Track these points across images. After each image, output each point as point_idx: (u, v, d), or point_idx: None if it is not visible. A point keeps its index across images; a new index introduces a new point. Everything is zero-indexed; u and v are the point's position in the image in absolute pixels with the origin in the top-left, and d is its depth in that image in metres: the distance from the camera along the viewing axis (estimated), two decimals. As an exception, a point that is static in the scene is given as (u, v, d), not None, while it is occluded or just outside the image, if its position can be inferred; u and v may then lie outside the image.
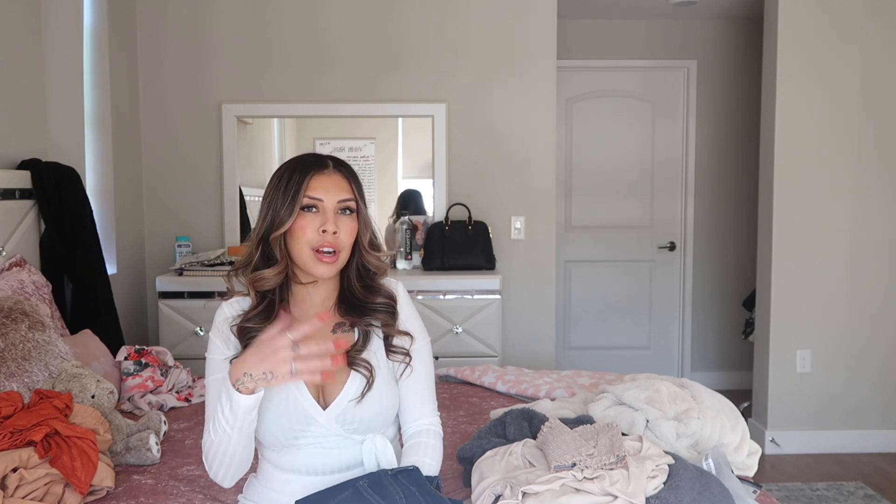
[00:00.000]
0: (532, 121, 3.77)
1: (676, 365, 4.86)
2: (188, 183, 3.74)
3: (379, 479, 1.30)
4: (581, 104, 4.70)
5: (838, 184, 3.64)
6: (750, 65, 4.64)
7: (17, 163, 2.81)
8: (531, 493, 1.40)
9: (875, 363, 3.71)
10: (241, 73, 3.71)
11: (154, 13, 3.67)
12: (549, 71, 3.76)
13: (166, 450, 2.00)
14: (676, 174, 4.76)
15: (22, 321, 2.14)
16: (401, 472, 1.33)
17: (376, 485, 1.28)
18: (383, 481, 1.29)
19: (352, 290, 1.44)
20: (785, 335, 3.68)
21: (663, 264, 4.81)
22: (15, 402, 1.70)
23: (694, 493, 1.39)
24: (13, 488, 1.51)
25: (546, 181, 3.80)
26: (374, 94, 3.74)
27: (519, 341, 3.79)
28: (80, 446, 1.61)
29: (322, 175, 1.38)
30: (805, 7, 3.56)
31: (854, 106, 3.61)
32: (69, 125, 3.13)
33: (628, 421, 1.75)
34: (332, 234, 1.35)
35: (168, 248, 3.72)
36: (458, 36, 3.75)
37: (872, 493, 3.22)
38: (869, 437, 3.72)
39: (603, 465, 1.42)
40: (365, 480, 1.30)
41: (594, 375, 2.60)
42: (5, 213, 2.65)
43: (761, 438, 3.69)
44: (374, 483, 1.29)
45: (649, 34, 4.65)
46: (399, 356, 1.45)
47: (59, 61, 3.09)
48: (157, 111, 3.71)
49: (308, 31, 3.71)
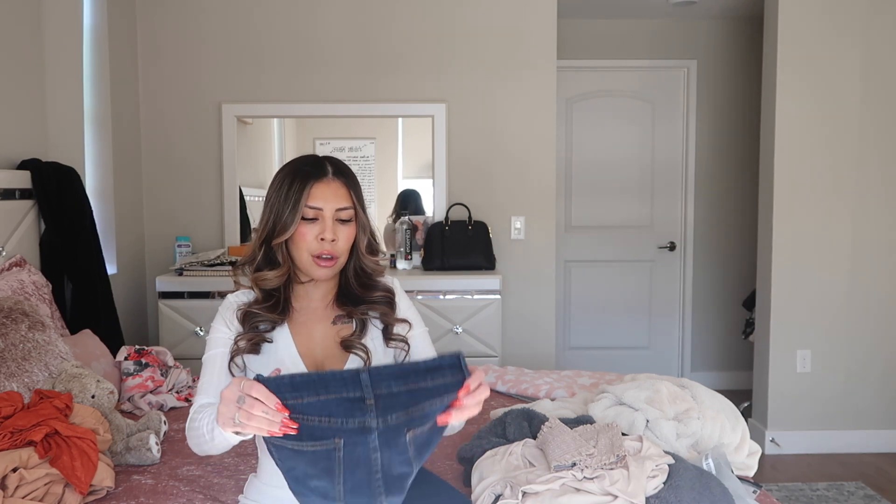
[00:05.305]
0: (532, 121, 3.77)
1: (676, 365, 4.86)
2: (188, 183, 3.74)
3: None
4: (581, 104, 4.69)
5: (838, 183, 3.64)
6: (750, 65, 4.64)
7: (17, 163, 2.81)
8: (531, 492, 1.40)
9: (875, 363, 3.71)
10: (241, 73, 3.71)
11: (154, 13, 3.67)
12: (549, 71, 3.76)
13: (166, 450, 2.00)
14: (676, 174, 4.76)
15: (22, 321, 2.14)
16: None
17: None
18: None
19: (349, 288, 1.50)
20: (785, 335, 3.68)
21: (663, 264, 4.81)
22: (15, 402, 1.70)
23: (694, 493, 1.39)
24: (13, 488, 1.51)
25: (546, 181, 3.80)
26: (374, 94, 3.74)
27: (519, 341, 3.79)
28: (80, 446, 1.61)
29: (322, 183, 1.43)
30: (805, 7, 3.56)
31: (854, 106, 3.61)
32: (69, 125, 3.13)
33: (628, 421, 1.75)
34: (331, 241, 1.42)
35: (168, 248, 3.72)
36: (458, 36, 3.75)
37: (873, 494, 3.22)
38: (869, 437, 3.72)
39: (603, 464, 1.42)
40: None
41: (594, 375, 2.60)
42: (5, 213, 2.65)
43: (761, 438, 3.69)
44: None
45: (649, 34, 4.65)
46: (398, 343, 1.50)
47: (59, 61, 3.09)
48: (156, 111, 3.71)
49: (308, 31, 3.71)
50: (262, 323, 1.44)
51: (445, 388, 1.17)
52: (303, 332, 1.46)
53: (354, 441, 1.18)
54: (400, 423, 1.18)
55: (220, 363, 1.43)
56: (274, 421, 1.13)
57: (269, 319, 1.44)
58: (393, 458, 1.20)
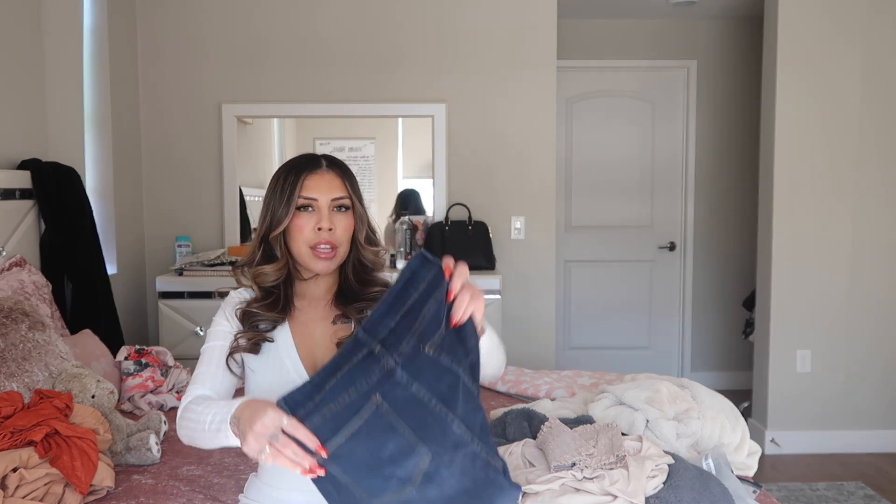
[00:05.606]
0: (532, 121, 3.77)
1: (676, 365, 4.86)
2: (188, 183, 3.74)
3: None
4: (581, 104, 4.69)
5: (838, 183, 3.64)
6: (750, 65, 4.64)
7: (17, 163, 2.81)
8: (531, 492, 1.40)
9: (875, 363, 3.71)
10: (241, 72, 3.71)
11: (154, 13, 3.67)
12: (549, 71, 3.76)
13: (166, 450, 2.00)
14: (676, 174, 4.76)
15: (22, 321, 2.14)
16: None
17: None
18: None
19: (349, 285, 1.48)
20: (785, 335, 3.68)
21: (663, 264, 4.81)
22: (15, 402, 1.70)
23: (694, 493, 1.39)
24: (13, 488, 1.51)
25: (546, 181, 3.80)
26: (374, 94, 3.74)
27: (519, 341, 3.79)
28: (80, 446, 1.61)
29: (316, 175, 1.43)
30: (805, 7, 3.56)
31: (854, 106, 3.61)
32: (69, 125, 3.13)
33: (628, 421, 1.75)
34: (328, 230, 1.41)
35: (168, 248, 3.72)
36: (459, 36, 3.75)
37: (873, 494, 3.22)
38: (869, 437, 3.72)
39: (603, 464, 1.42)
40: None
41: (594, 375, 2.60)
42: (5, 213, 2.65)
43: (761, 438, 3.69)
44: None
45: (649, 34, 4.65)
46: None
47: (59, 61, 3.09)
48: (156, 111, 3.71)
49: (308, 31, 3.71)
50: (263, 322, 1.43)
51: (429, 287, 1.18)
52: (303, 332, 1.46)
53: (388, 389, 1.16)
54: (413, 345, 1.17)
55: (217, 356, 1.43)
56: (302, 464, 1.13)
57: (270, 318, 1.43)
58: (431, 378, 1.18)
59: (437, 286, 1.18)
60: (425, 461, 1.16)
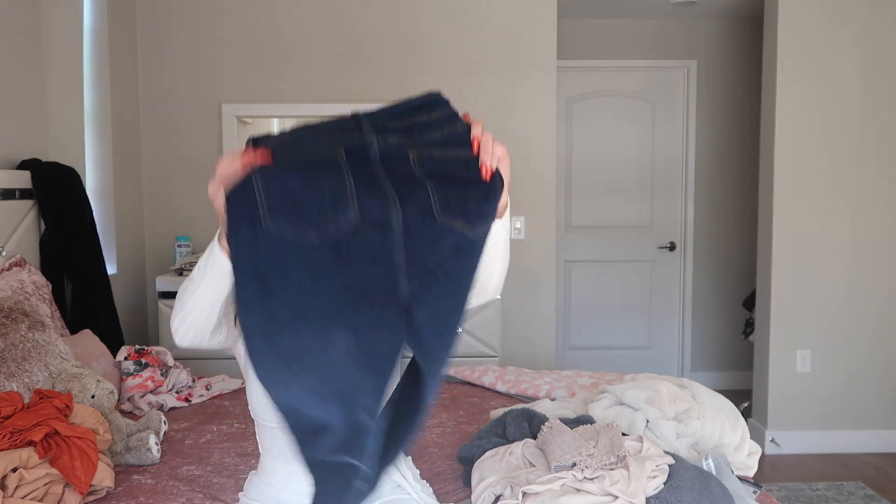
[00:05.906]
0: (532, 121, 3.77)
1: (676, 365, 4.86)
2: (188, 183, 3.74)
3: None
4: (581, 104, 4.69)
5: (838, 183, 3.64)
6: (750, 65, 4.64)
7: (17, 163, 2.81)
8: (531, 493, 1.40)
9: (875, 363, 3.71)
10: (241, 73, 3.71)
11: (154, 13, 3.67)
12: (549, 71, 3.76)
13: (166, 450, 2.00)
14: (676, 174, 4.76)
15: (22, 321, 2.14)
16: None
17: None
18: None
19: None
20: (785, 335, 3.68)
21: (663, 264, 4.81)
22: (15, 402, 1.70)
23: (694, 493, 1.39)
24: (13, 488, 1.50)
25: (546, 181, 3.80)
26: (374, 93, 3.74)
27: (519, 341, 3.79)
28: (80, 446, 1.61)
29: None
30: (805, 6, 3.56)
31: (854, 106, 3.61)
32: (69, 125, 3.13)
33: (628, 421, 1.75)
34: None
35: (168, 248, 3.72)
36: (458, 36, 3.75)
37: (873, 494, 3.22)
38: (869, 437, 3.72)
39: (603, 465, 1.42)
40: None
41: (594, 375, 2.60)
42: (5, 213, 2.65)
43: (761, 438, 3.69)
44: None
45: (649, 34, 4.65)
46: None
47: (59, 61, 3.09)
48: (157, 111, 3.71)
49: (308, 31, 3.71)
50: None
51: (441, 120, 1.14)
52: None
53: (355, 154, 1.09)
54: (400, 143, 1.12)
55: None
56: (235, 160, 1.09)
57: None
58: (402, 180, 1.09)
59: (447, 122, 1.13)
60: (354, 214, 1.06)
